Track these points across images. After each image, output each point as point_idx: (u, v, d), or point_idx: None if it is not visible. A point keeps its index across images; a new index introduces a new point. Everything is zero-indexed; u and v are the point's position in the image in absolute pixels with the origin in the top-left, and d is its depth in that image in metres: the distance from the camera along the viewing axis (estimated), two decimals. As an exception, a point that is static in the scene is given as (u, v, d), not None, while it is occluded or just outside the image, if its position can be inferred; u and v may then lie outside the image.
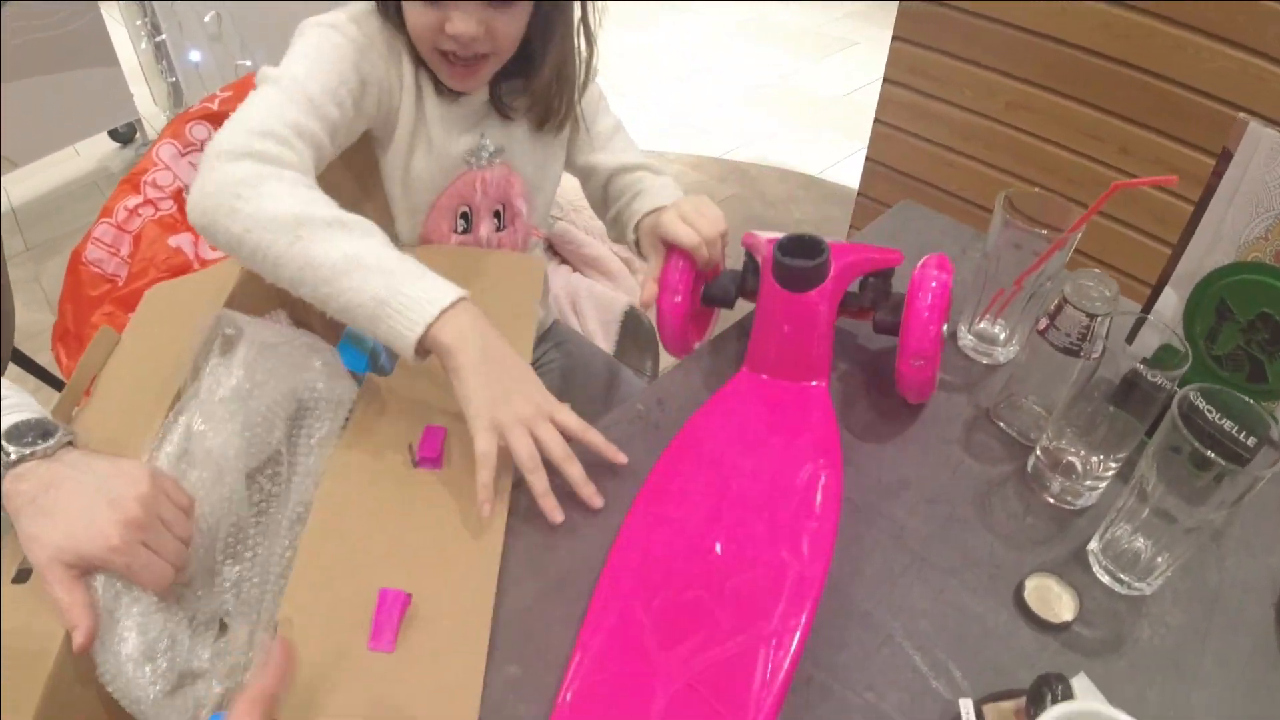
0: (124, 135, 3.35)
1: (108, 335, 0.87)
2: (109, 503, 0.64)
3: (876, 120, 2.01)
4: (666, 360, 1.65)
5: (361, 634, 0.64)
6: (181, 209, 1.23)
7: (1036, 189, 0.88)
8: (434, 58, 0.94)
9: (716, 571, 0.68)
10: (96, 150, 3.30)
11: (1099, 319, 0.76)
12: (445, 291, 0.75)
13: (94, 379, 0.84)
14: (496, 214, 1.09)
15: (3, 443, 0.66)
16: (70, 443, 0.68)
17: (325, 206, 0.78)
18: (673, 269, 0.92)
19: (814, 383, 0.82)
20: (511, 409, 0.74)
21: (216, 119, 1.28)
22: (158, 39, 2.38)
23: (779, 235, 0.85)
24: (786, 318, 0.82)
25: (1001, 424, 0.87)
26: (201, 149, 1.28)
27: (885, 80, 1.96)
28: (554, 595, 0.69)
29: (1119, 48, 1.59)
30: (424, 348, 0.74)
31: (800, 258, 0.80)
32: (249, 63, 2.01)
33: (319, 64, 0.88)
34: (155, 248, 1.18)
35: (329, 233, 0.76)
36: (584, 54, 1.04)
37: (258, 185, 0.77)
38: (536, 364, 1.26)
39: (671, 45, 4.02)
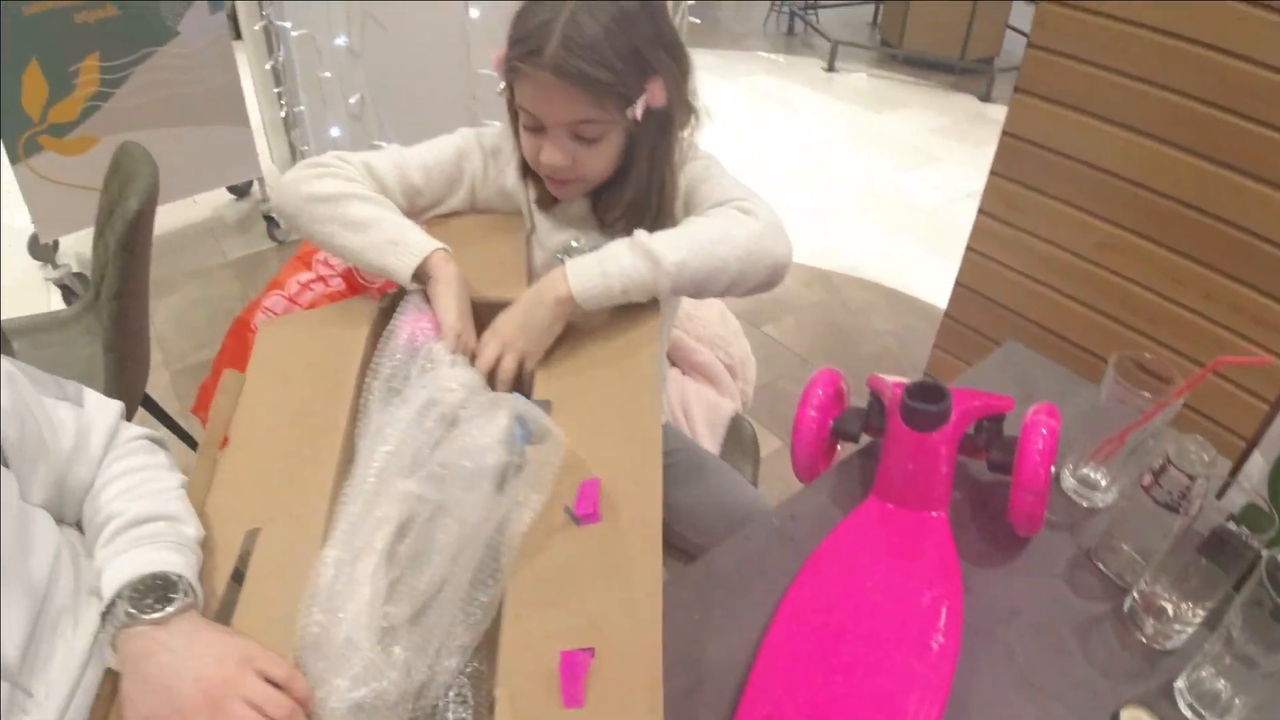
0: (241, 188, 3.56)
1: (234, 379, 0.98)
2: (194, 681, 0.68)
3: (969, 248, 2.11)
4: (769, 469, 1.74)
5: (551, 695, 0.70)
6: (352, 288, 1.36)
7: (1147, 354, 0.97)
8: (544, 176, 1.14)
9: (855, 674, 0.77)
10: (212, 199, 3.51)
11: (1199, 480, 0.85)
12: (433, 242, 1.05)
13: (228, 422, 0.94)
14: None
15: (125, 601, 0.72)
16: (191, 603, 0.73)
17: (360, 188, 1.10)
18: (816, 388, 1.02)
19: (935, 513, 0.92)
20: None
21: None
22: (297, 109, 2.56)
23: (904, 380, 0.96)
24: (912, 455, 0.92)
25: (1101, 565, 0.95)
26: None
27: (980, 211, 2.07)
28: (704, 688, 0.78)
29: (1208, 199, 1.67)
30: (419, 274, 1.03)
31: (925, 402, 0.90)
32: (384, 144, 2.16)
33: (426, 145, 1.21)
34: (327, 320, 1.30)
35: (360, 202, 1.08)
36: (668, 180, 1.16)
37: (319, 178, 1.09)
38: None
39: (771, 143, 4.18)
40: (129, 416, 1.69)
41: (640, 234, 0.99)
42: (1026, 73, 1.89)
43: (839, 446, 1.11)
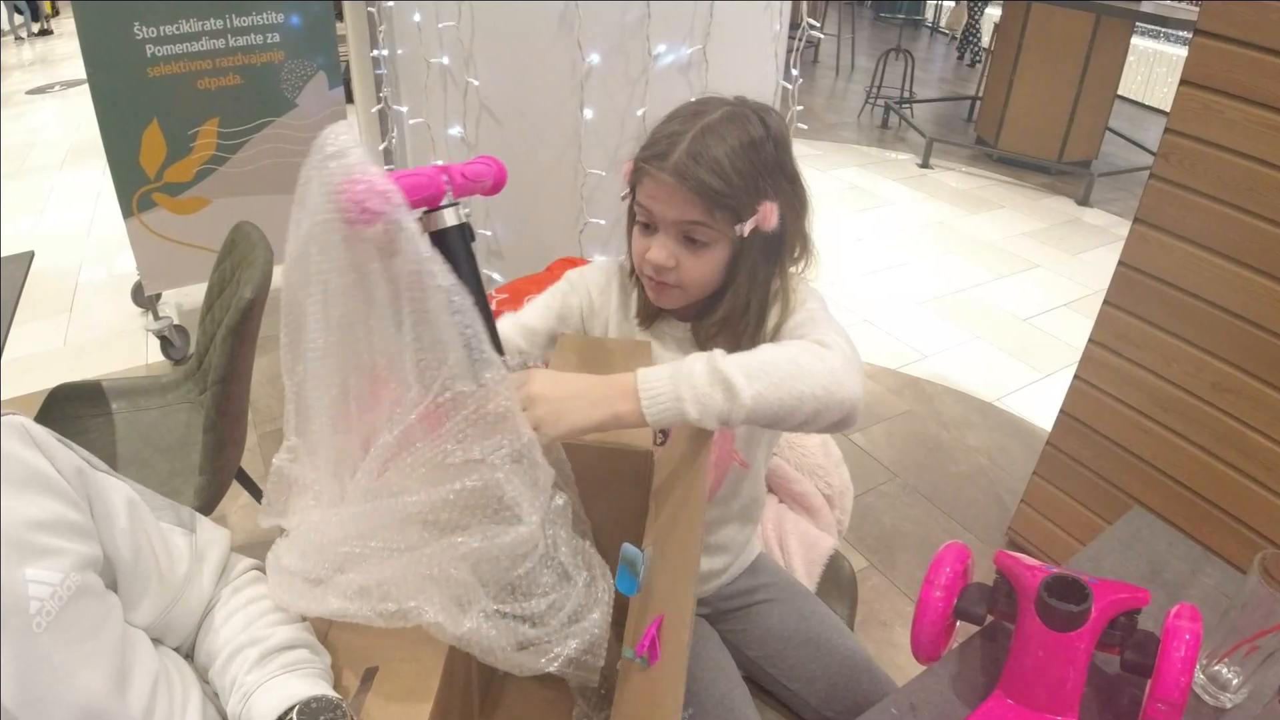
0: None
1: None
2: None
3: (1077, 377, 2.05)
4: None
5: None
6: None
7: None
8: (642, 277, 1.16)
9: None
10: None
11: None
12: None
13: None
14: None
15: None
16: None
17: None
18: (942, 566, 0.97)
19: (1066, 718, 0.86)
20: None
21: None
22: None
23: (1038, 565, 0.91)
24: (1046, 655, 0.86)
25: (1238, 782, 0.88)
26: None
27: (1091, 341, 2.00)
28: None
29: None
30: None
31: (1065, 600, 0.85)
32: (489, 233, 2.19)
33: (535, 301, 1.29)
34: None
35: None
36: (765, 305, 1.16)
37: None
38: (746, 597, 1.33)
39: (862, 240, 4.15)
40: (222, 493, 1.73)
41: (719, 354, 0.95)
42: (1147, 204, 1.84)
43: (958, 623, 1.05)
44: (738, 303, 1.14)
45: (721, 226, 1.08)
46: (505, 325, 1.26)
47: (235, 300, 1.55)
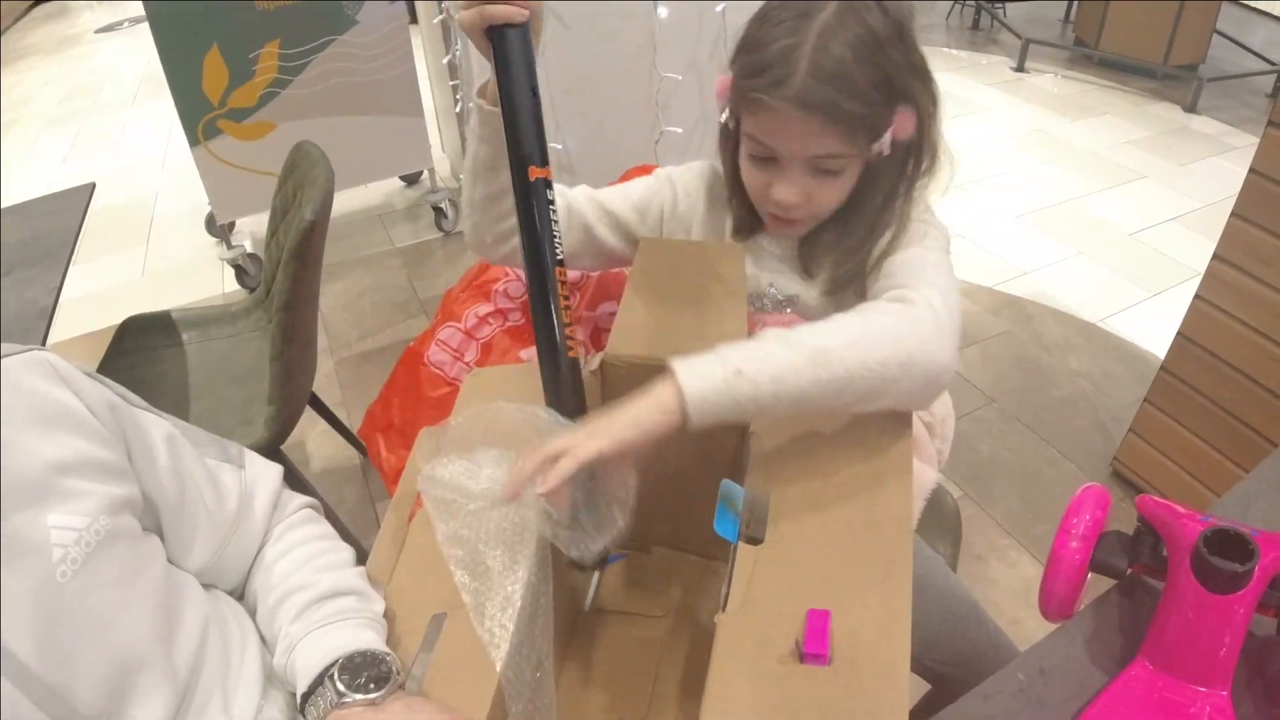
0: (411, 177, 3.57)
1: (430, 437, 0.90)
2: None
3: (1198, 297, 1.87)
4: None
5: None
6: (530, 323, 1.27)
7: None
8: (764, 212, 1.05)
9: None
10: (382, 185, 3.53)
11: None
12: None
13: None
14: None
15: (336, 680, 0.68)
16: (401, 685, 0.70)
17: None
18: (1080, 513, 0.85)
19: (1219, 691, 0.75)
20: None
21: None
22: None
23: (1193, 513, 0.79)
24: (1201, 619, 0.74)
25: None
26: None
27: (1216, 257, 1.82)
28: None
29: None
30: None
31: (1228, 558, 0.73)
32: (560, 146, 2.08)
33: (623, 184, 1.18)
34: (507, 358, 1.21)
35: None
36: (891, 229, 1.03)
37: None
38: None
39: (955, 150, 3.86)
40: (294, 421, 1.69)
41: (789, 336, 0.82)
42: (1286, 105, 1.65)
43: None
44: (864, 229, 1.02)
45: (859, 149, 0.94)
46: (579, 193, 1.15)
47: (296, 222, 1.47)
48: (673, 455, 0.92)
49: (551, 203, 0.90)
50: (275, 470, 0.89)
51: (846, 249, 1.05)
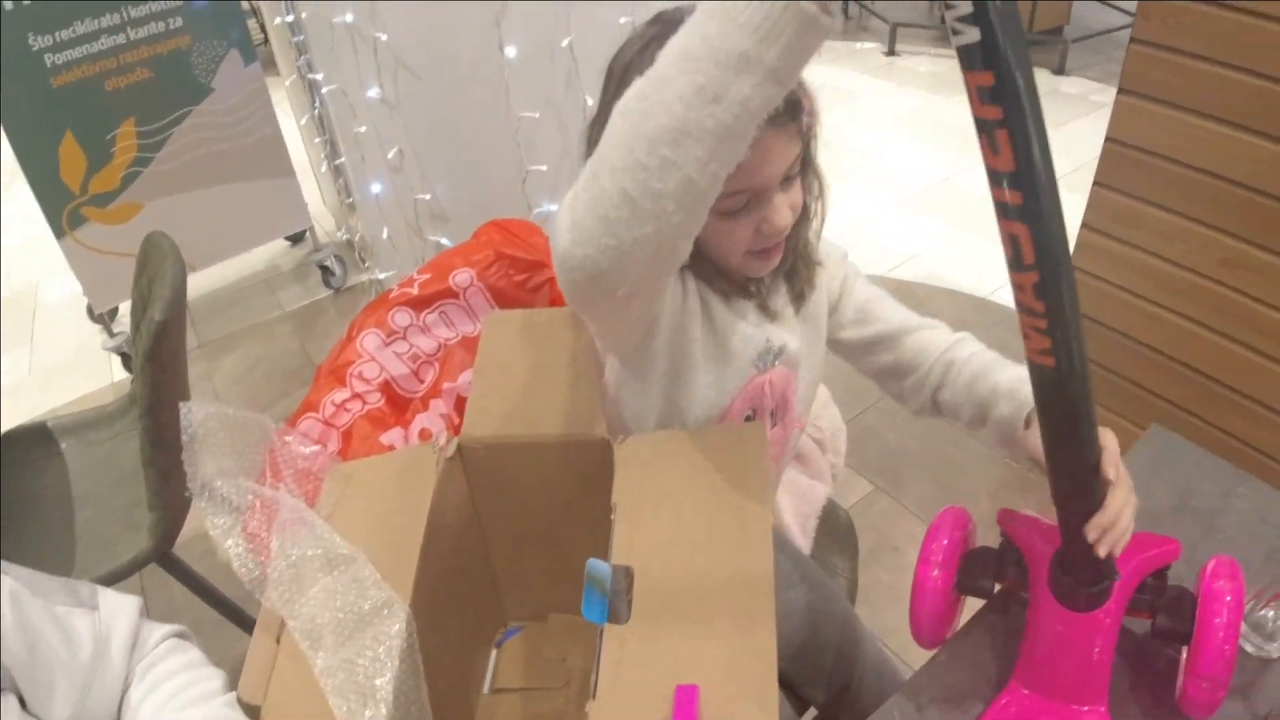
0: (295, 235, 3.48)
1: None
2: None
3: (1075, 268, 1.90)
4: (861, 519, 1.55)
5: None
6: (390, 401, 1.23)
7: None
8: (744, 261, 0.94)
9: None
10: (267, 249, 3.44)
11: None
12: None
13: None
14: (772, 413, 1.06)
15: None
16: None
17: None
18: (938, 538, 0.84)
19: (1096, 706, 0.74)
20: None
21: (418, 304, 1.28)
22: (337, 161, 2.45)
23: (1048, 524, 0.78)
24: (1066, 638, 0.74)
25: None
26: (405, 336, 1.27)
27: (1084, 226, 1.86)
28: None
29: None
30: None
31: (1081, 569, 0.73)
32: (428, 196, 2.04)
33: None
34: (368, 445, 1.17)
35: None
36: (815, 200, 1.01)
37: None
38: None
39: (828, 142, 3.89)
40: (179, 523, 1.62)
41: None
42: (1130, 72, 1.68)
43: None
44: (804, 225, 0.99)
45: (803, 136, 0.90)
46: None
47: (146, 325, 1.41)
48: (556, 522, 0.90)
49: None
50: (132, 605, 0.86)
51: (789, 267, 1.02)
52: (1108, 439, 0.74)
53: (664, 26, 0.86)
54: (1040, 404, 0.67)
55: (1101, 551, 0.68)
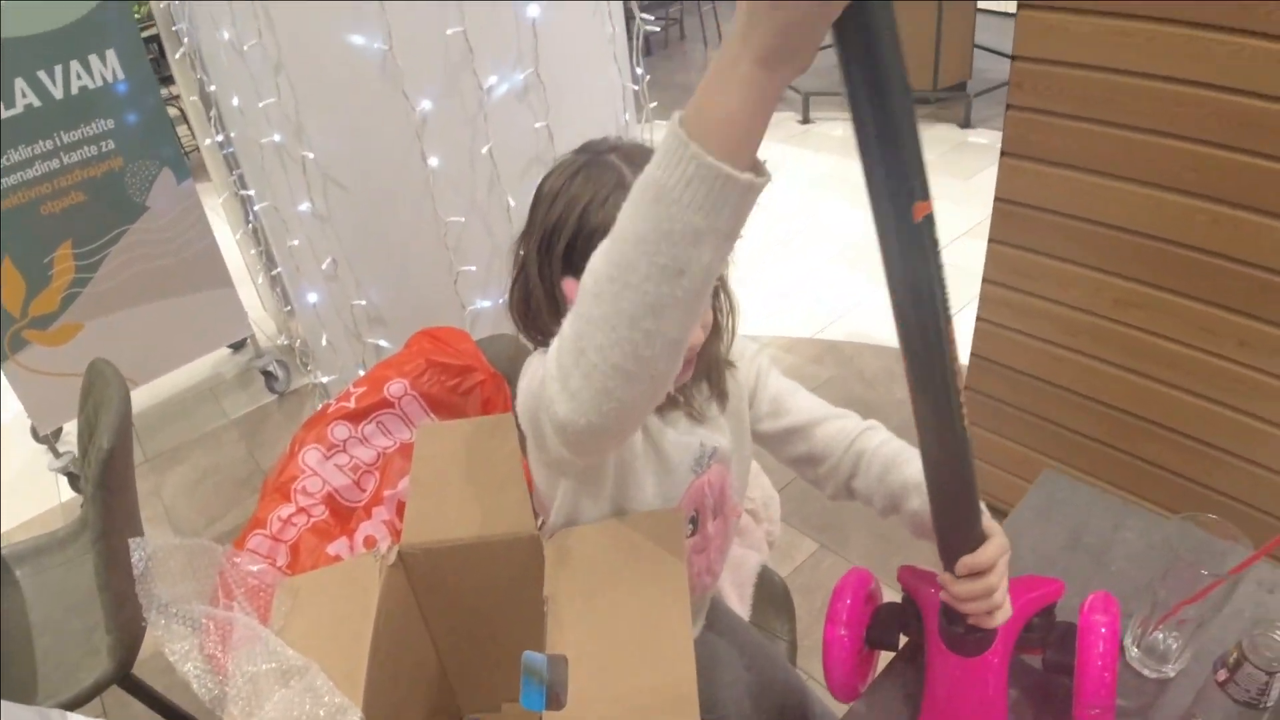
0: (237, 342, 3.52)
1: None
2: None
3: (980, 319, 2.02)
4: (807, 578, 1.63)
5: None
6: (334, 513, 1.28)
7: (1212, 516, 0.87)
8: None
9: None
10: (209, 357, 3.46)
11: (1278, 675, 0.75)
12: None
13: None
14: (712, 509, 1.12)
15: None
16: None
17: None
18: (843, 599, 0.92)
19: (994, 743, 0.82)
20: None
21: (355, 417, 1.34)
22: (274, 271, 2.52)
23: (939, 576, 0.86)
24: (960, 683, 0.82)
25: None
26: (345, 448, 1.33)
27: (985, 280, 1.98)
28: None
29: (1227, 243, 1.58)
30: None
31: (966, 626, 0.80)
32: (364, 302, 2.11)
33: None
34: (315, 557, 1.22)
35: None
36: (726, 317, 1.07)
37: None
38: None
39: (761, 205, 4.01)
40: (137, 645, 1.64)
41: None
42: (1011, 135, 1.82)
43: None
44: (715, 340, 1.04)
45: None
46: None
47: (94, 452, 1.45)
48: (497, 617, 0.95)
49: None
50: None
51: (706, 367, 1.06)
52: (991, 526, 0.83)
53: (591, 155, 0.94)
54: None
55: (968, 609, 0.76)
